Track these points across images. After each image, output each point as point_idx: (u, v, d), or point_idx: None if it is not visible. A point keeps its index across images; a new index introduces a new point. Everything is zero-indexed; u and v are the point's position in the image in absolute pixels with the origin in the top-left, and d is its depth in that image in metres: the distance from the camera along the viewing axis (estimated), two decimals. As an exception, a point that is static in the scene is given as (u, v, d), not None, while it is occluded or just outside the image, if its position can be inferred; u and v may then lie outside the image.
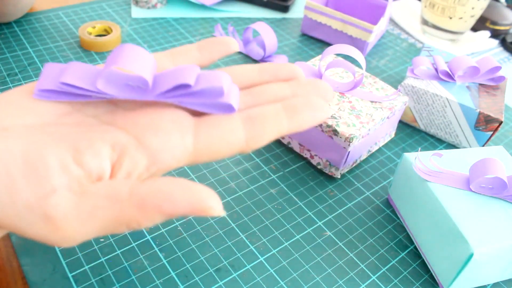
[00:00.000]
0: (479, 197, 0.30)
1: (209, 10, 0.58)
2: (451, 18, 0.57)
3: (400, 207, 0.34)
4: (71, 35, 0.48)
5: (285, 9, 0.60)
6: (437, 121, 0.42)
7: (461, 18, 0.57)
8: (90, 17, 0.52)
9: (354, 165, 0.38)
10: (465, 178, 0.31)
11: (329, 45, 0.56)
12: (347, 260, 0.31)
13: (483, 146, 0.42)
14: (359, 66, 0.52)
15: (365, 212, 0.34)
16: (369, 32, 0.51)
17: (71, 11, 0.53)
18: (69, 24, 0.50)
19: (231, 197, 0.33)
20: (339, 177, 0.37)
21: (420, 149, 0.41)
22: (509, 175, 0.30)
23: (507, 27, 0.65)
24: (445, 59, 0.47)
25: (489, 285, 0.31)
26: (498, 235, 0.27)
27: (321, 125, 0.35)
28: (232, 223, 0.32)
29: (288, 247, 0.31)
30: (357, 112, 0.36)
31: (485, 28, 0.65)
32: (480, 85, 0.43)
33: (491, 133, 0.40)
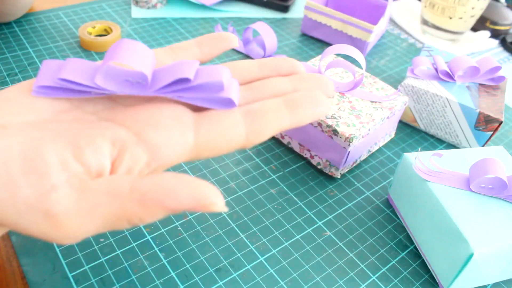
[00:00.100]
0: (479, 197, 0.30)
1: (209, 10, 0.58)
2: (451, 18, 0.57)
3: (400, 207, 0.34)
4: (71, 35, 0.48)
5: (285, 9, 0.60)
6: (437, 121, 0.42)
7: (461, 18, 0.57)
8: (90, 17, 0.52)
9: (354, 165, 0.38)
10: (465, 178, 0.31)
11: (329, 45, 0.56)
12: (347, 260, 0.31)
13: (483, 146, 0.42)
14: (359, 66, 0.52)
15: (365, 212, 0.34)
16: (369, 32, 0.51)
17: (71, 11, 0.53)
18: (69, 24, 0.50)
19: (231, 197, 0.33)
20: (339, 177, 0.37)
21: (420, 149, 0.41)
22: (509, 175, 0.30)
23: (507, 27, 0.65)
24: (445, 59, 0.47)
25: (489, 285, 0.31)
26: (498, 235, 0.27)
27: (321, 125, 0.35)
28: (232, 223, 0.32)
29: (288, 247, 0.31)
30: (357, 112, 0.36)
31: (485, 28, 0.65)
32: (480, 85, 0.43)
33: (491, 133, 0.40)
